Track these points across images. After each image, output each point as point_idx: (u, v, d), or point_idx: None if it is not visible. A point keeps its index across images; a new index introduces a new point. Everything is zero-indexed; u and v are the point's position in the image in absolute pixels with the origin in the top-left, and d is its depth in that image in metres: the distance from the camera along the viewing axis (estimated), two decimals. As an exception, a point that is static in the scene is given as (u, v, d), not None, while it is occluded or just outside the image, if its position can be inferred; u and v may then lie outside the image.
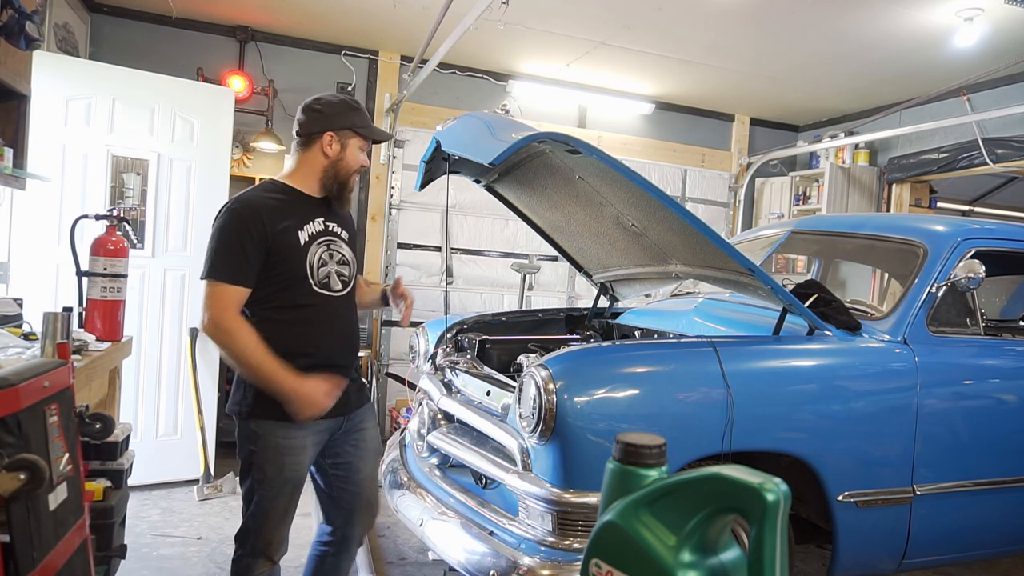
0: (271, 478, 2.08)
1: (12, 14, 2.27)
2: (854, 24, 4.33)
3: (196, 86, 4.46)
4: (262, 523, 2.10)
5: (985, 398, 2.79)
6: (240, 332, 1.97)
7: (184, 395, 4.24)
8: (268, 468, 2.07)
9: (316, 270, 2.09)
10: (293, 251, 2.06)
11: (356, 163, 2.17)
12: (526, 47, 5.21)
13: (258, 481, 2.08)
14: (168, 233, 4.18)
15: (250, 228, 1.99)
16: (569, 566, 2.12)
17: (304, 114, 2.15)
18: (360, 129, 2.15)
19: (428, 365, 3.21)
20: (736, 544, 1.09)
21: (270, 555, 2.14)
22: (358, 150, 2.17)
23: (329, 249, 2.14)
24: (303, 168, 2.16)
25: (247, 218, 2.01)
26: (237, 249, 1.98)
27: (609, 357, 2.41)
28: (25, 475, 1.12)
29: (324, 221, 2.16)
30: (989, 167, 5.19)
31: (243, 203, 2.05)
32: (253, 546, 2.12)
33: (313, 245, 2.10)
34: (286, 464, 2.08)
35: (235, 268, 1.98)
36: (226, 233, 2.00)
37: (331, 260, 2.14)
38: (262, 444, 2.07)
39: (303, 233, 2.09)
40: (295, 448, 2.09)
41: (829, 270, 4.16)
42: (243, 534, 2.14)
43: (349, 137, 2.14)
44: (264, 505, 2.09)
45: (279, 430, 2.06)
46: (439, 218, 5.71)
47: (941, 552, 2.77)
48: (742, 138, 6.73)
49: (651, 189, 2.32)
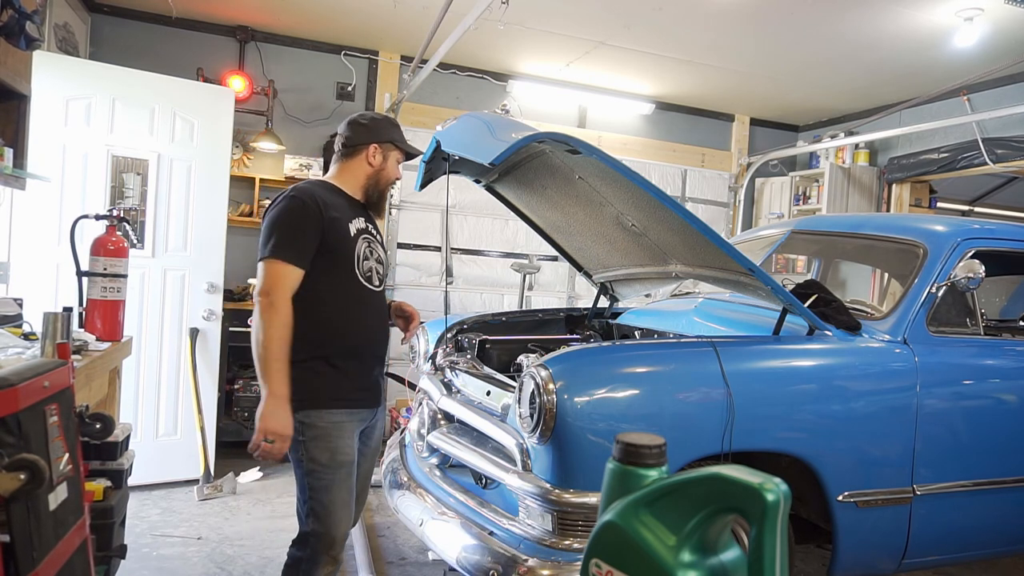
0: (325, 464, 2.13)
1: (12, 14, 2.27)
2: (854, 24, 4.33)
3: (196, 86, 4.46)
4: (325, 519, 2.13)
5: (985, 398, 2.79)
6: (282, 315, 2.05)
7: (184, 395, 4.24)
8: (321, 454, 2.13)
9: (361, 262, 2.24)
10: (344, 239, 2.20)
11: (395, 174, 2.39)
12: (526, 47, 5.21)
13: (311, 472, 2.12)
14: (168, 233, 4.18)
15: (309, 213, 2.12)
16: (569, 566, 2.12)
17: (350, 127, 2.33)
18: (400, 144, 2.36)
19: (428, 365, 3.21)
20: (736, 544, 1.09)
21: (335, 555, 2.15)
22: (396, 162, 2.37)
23: (370, 246, 2.30)
24: (345, 175, 2.33)
25: (307, 203, 2.13)
26: (297, 232, 2.11)
27: (609, 357, 2.41)
28: (25, 475, 1.12)
29: (366, 221, 2.33)
30: (989, 167, 5.19)
31: (302, 191, 2.17)
32: (315, 548, 2.12)
33: (359, 239, 2.26)
34: (337, 448, 2.15)
35: (294, 250, 2.09)
36: (287, 217, 2.12)
37: (371, 257, 2.30)
38: (311, 433, 2.13)
39: (352, 226, 2.24)
40: (343, 431, 2.17)
41: (829, 270, 4.16)
42: (304, 537, 2.14)
43: (390, 150, 2.36)
44: (323, 499, 2.12)
45: (325, 415, 2.14)
46: (439, 218, 5.71)
47: (941, 552, 2.77)
48: (742, 138, 6.73)
49: (651, 189, 2.32)
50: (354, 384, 2.21)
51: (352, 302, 2.20)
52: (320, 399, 2.14)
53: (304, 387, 2.11)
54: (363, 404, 2.25)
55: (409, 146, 2.41)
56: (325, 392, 2.15)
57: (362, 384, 2.24)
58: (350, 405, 2.20)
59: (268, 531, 3.60)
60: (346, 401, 2.20)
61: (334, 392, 2.17)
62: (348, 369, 2.19)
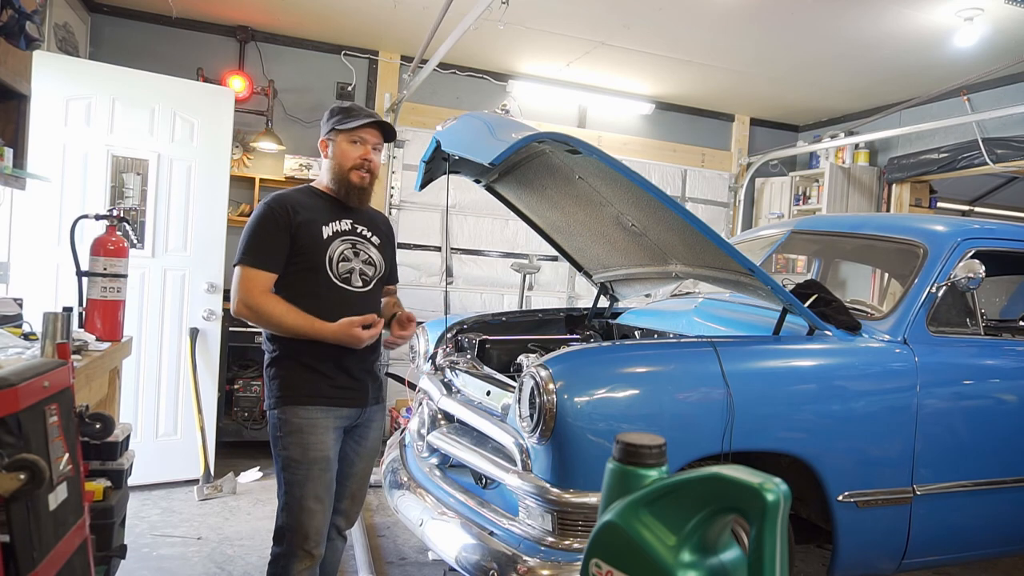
0: (297, 460, 2.18)
1: (12, 14, 2.27)
2: (854, 24, 4.33)
3: (196, 86, 4.46)
4: (297, 514, 2.18)
5: (985, 398, 2.79)
6: (267, 305, 2.16)
7: (184, 395, 4.24)
8: (293, 450, 2.19)
9: (336, 264, 2.26)
10: (314, 242, 2.23)
11: (348, 159, 2.29)
12: (526, 47, 5.21)
13: (286, 467, 2.20)
14: (168, 233, 4.18)
15: (277, 218, 2.20)
16: (569, 566, 2.12)
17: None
18: (340, 126, 2.28)
19: (428, 365, 3.21)
20: (736, 544, 1.09)
21: (309, 549, 2.20)
22: (348, 145, 2.29)
23: (355, 248, 2.31)
24: (323, 176, 2.38)
25: (275, 209, 2.22)
26: (264, 237, 2.19)
27: (609, 357, 2.41)
28: (25, 475, 1.12)
29: (352, 223, 2.34)
30: (989, 167, 5.19)
31: (274, 198, 2.26)
32: (291, 542, 2.19)
33: (336, 241, 2.27)
34: (310, 444, 2.18)
35: (261, 254, 2.18)
36: (255, 223, 2.22)
37: (355, 258, 2.30)
38: (286, 428, 2.20)
39: (327, 229, 2.26)
40: (316, 427, 2.20)
41: (829, 270, 4.16)
42: (280, 532, 2.23)
43: (335, 136, 2.30)
44: (296, 493, 2.18)
45: (300, 411, 2.19)
46: (439, 218, 5.71)
47: (941, 552, 2.77)
48: (742, 138, 6.73)
49: (651, 189, 2.32)
50: (331, 382, 2.23)
51: (327, 304, 2.21)
52: (295, 396, 2.20)
53: (280, 384, 2.22)
54: (342, 403, 2.25)
55: (351, 121, 2.26)
56: (300, 389, 2.20)
57: (340, 383, 2.25)
58: (326, 403, 2.22)
59: (268, 531, 3.56)
60: (322, 398, 2.22)
61: (309, 389, 2.21)
62: (322, 368, 2.22)
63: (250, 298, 2.15)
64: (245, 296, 2.16)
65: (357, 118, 2.27)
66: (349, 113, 2.30)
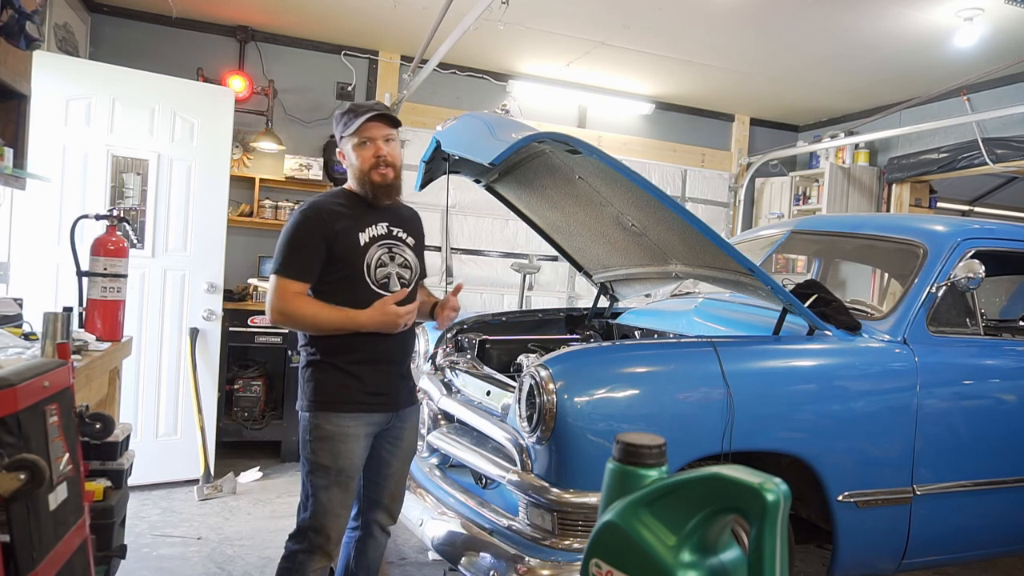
0: (326, 467, 2.19)
1: (12, 14, 2.26)
2: (854, 24, 4.33)
3: (196, 86, 4.45)
4: (321, 516, 2.20)
5: (985, 398, 2.79)
6: (300, 309, 2.16)
7: (184, 395, 4.24)
8: (323, 456, 2.19)
9: (374, 270, 2.24)
10: (352, 250, 2.22)
11: (364, 161, 2.25)
12: (526, 47, 5.21)
13: (313, 471, 2.20)
14: (168, 233, 4.18)
15: (313, 228, 2.18)
16: (569, 566, 2.12)
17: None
18: (345, 132, 2.26)
19: (428, 365, 3.21)
20: (736, 544, 1.09)
21: (329, 550, 2.21)
22: (358, 148, 2.26)
23: (391, 252, 2.29)
24: (350, 180, 2.34)
25: (311, 218, 2.20)
26: (300, 247, 2.18)
27: (609, 357, 2.41)
28: (25, 475, 1.12)
29: (388, 226, 2.31)
30: (989, 167, 5.19)
31: (310, 205, 2.24)
32: (311, 541, 2.20)
33: (373, 247, 2.25)
34: (339, 452, 2.19)
35: (297, 264, 2.17)
36: (292, 232, 2.19)
37: (391, 262, 2.29)
38: (316, 433, 2.20)
39: (364, 235, 2.25)
40: (347, 436, 2.20)
41: (829, 270, 4.16)
42: (301, 531, 2.22)
43: (347, 144, 2.28)
44: (321, 497, 2.19)
45: (333, 418, 2.19)
46: (439, 218, 5.71)
47: (941, 552, 2.77)
48: (742, 138, 6.73)
49: (651, 189, 2.32)
50: (366, 388, 2.22)
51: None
52: (329, 402, 2.20)
53: (314, 388, 2.22)
54: (375, 408, 2.25)
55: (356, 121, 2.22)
56: (333, 395, 2.20)
57: (375, 389, 2.24)
58: (359, 409, 2.22)
59: (268, 531, 3.60)
60: (355, 405, 2.21)
61: (343, 395, 2.20)
62: (359, 374, 2.22)
63: (283, 304, 2.15)
64: (278, 303, 2.16)
65: (357, 117, 2.24)
66: (350, 114, 2.27)
